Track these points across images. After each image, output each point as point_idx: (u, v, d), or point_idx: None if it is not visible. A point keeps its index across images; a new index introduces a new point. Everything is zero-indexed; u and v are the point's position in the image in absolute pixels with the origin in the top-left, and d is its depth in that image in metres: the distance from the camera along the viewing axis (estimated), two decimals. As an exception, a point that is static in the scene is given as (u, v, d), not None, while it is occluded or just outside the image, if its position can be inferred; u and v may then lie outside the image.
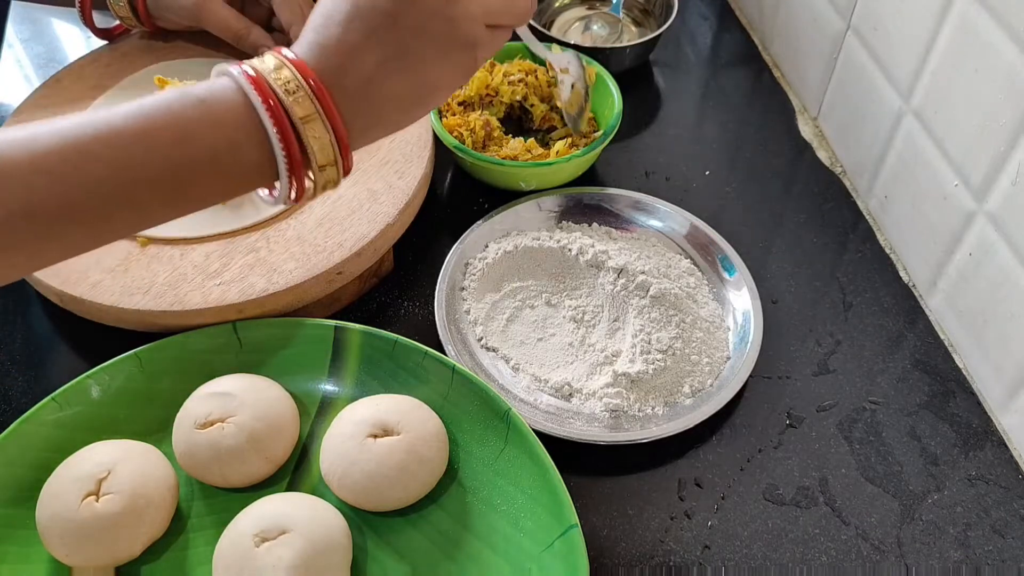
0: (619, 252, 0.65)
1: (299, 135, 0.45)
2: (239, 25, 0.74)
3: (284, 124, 0.44)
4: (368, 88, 0.46)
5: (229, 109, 0.44)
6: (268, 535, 0.48)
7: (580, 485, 0.56)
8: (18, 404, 0.60)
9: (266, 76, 0.44)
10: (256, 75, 0.44)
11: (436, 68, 0.48)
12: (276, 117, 0.44)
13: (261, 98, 0.44)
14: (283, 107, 0.44)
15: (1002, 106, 0.55)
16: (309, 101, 0.44)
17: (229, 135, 0.44)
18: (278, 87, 0.44)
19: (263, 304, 0.60)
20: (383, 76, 0.46)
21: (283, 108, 0.44)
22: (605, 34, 0.88)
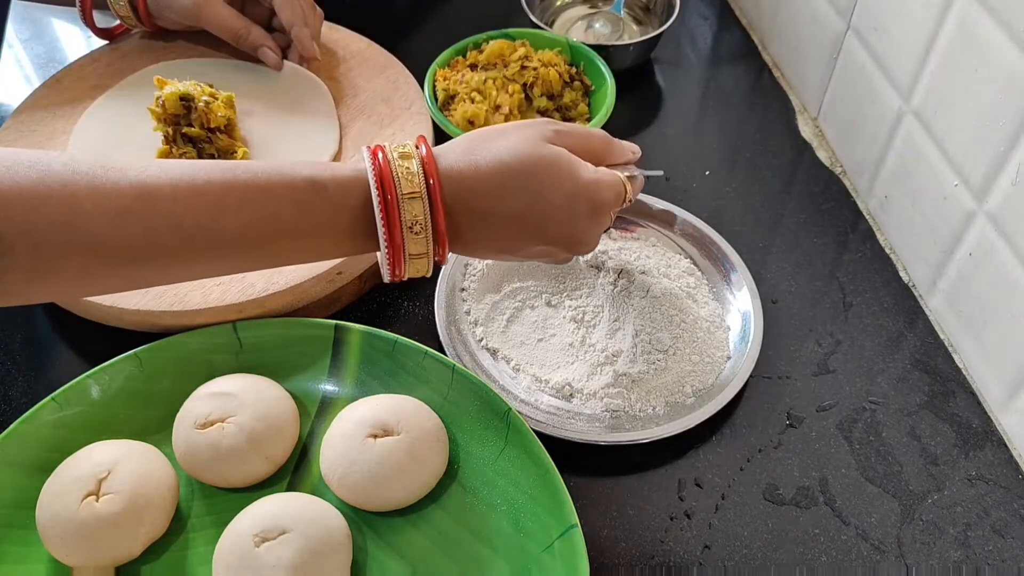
0: (619, 252, 0.65)
1: (404, 266, 0.49)
2: (239, 25, 0.74)
3: (397, 251, 0.48)
4: (478, 229, 0.50)
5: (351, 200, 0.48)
6: (268, 535, 0.48)
7: (580, 485, 0.56)
8: (18, 404, 0.60)
9: (400, 205, 0.47)
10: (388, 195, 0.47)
11: (533, 251, 0.53)
12: (388, 217, 0.47)
13: (380, 202, 0.47)
14: (403, 241, 0.48)
15: (1002, 106, 0.55)
16: (424, 241, 0.49)
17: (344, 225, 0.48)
18: (404, 221, 0.47)
19: (263, 304, 0.60)
20: (493, 231, 0.51)
21: (403, 241, 0.48)
22: (607, 32, 0.88)
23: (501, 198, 0.49)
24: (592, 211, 0.52)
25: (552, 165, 0.50)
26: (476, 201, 0.49)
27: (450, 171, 0.49)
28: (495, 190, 0.49)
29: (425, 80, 0.75)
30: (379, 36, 0.80)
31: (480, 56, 0.76)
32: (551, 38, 0.79)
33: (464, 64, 0.76)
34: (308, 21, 0.75)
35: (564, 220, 0.51)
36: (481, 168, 0.49)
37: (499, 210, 0.50)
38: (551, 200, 0.50)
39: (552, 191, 0.50)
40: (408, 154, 0.48)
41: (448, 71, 0.76)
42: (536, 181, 0.50)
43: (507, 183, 0.49)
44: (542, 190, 0.50)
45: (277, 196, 0.46)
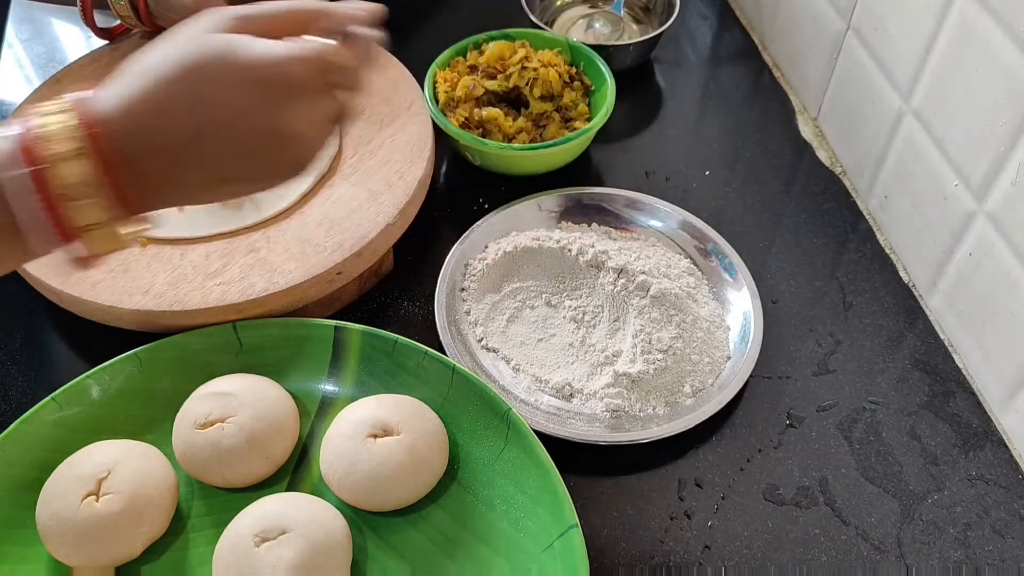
0: (619, 252, 0.65)
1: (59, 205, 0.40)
2: None
3: (47, 195, 0.39)
4: (168, 167, 0.42)
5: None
6: (268, 535, 0.48)
7: (580, 485, 0.56)
8: (18, 404, 0.60)
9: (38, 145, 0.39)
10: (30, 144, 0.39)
11: (247, 164, 0.44)
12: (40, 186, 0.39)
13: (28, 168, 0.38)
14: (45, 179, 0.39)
15: (1002, 106, 0.55)
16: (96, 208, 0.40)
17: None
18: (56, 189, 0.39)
19: (263, 304, 0.60)
20: (184, 162, 0.42)
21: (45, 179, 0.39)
22: (607, 32, 0.88)
23: (165, 124, 0.41)
24: (275, 95, 0.42)
25: (214, 59, 0.41)
26: (138, 141, 0.40)
27: (106, 117, 0.40)
28: (153, 117, 0.41)
29: (425, 80, 0.75)
30: (379, 36, 0.80)
31: (480, 58, 0.76)
32: (551, 38, 0.79)
33: (464, 64, 0.76)
34: None
35: (246, 117, 0.42)
36: (134, 99, 0.41)
37: (169, 140, 0.41)
38: (222, 100, 0.41)
39: (219, 89, 0.41)
40: (51, 111, 0.40)
41: (448, 71, 0.76)
42: (199, 85, 0.41)
43: (164, 103, 0.41)
44: (207, 92, 0.41)
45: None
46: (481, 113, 0.73)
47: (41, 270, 0.61)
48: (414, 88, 0.75)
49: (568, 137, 0.71)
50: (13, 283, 0.67)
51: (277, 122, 0.43)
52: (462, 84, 0.73)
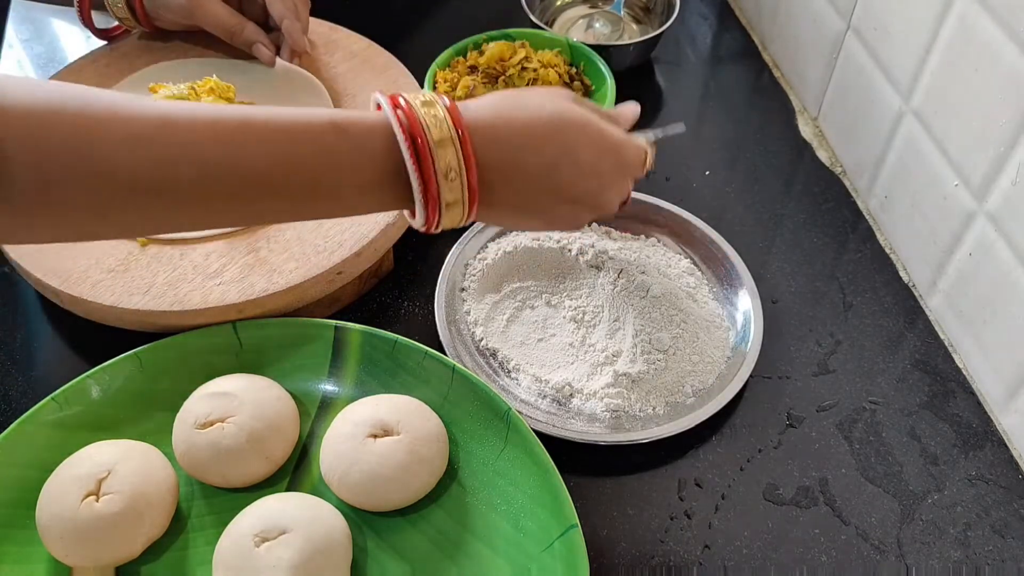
0: (619, 252, 0.65)
1: (440, 214, 0.48)
2: (233, 21, 0.74)
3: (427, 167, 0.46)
4: (504, 185, 0.49)
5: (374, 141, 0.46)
6: (268, 535, 0.48)
7: (580, 485, 0.56)
8: (18, 404, 0.60)
9: (432, 153, 0.46)
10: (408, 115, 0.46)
11: (559, 211, 0.52)
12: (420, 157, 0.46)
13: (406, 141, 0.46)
14: (438, 187, 0.47)
15: (1002, 106, 0.55)
16: (460, 187, 0.47)
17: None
18: (439, 169, 0.46)
19: (263, 304, 0.60)
20: (523, 187, 0.50)
21: (437, 187, 0.47)
22: (607, 32, 0.88)
23: (531, 150, 0.49)
24: (618, 170, 0.52)
25: (581, 121, 0.50)
26: (506, 152, 0.48)
27: (477, 121, 0.48)
28: (525, 141, 0.49)
29: (425, 80, 0.75)
30: (379, 36, 0.80)
31: (480, 58, 0.76)
32: (551, 38, 0.79)
33: (464, 65, 0.76)
34: (299, 15, 0.75)
35: (592, 176, 0.51)
36: (512, 120, 0.49)
37: (529, 163, 0.49)
38: (581, 155, 0.50)
39: (582, 146, 0.50)
40: (431, 102, 0.47)
41: (448, 71, 0.76)
42: (565, 135, 0.49)
43: (537, 135, 0.49)
44: (572, 144, 0.50)
45: (295, 135, 0.45)
46: None
47: (41, 270, 0.61)
48: (414, 88, 0.75)
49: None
50: (13, 283, 0.67)
51: (609, 187, 0.52)
52: (462, 84, 0.73)
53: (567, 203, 0.51)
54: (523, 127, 0.49)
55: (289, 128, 0.45)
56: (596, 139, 0.51)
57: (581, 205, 0.52)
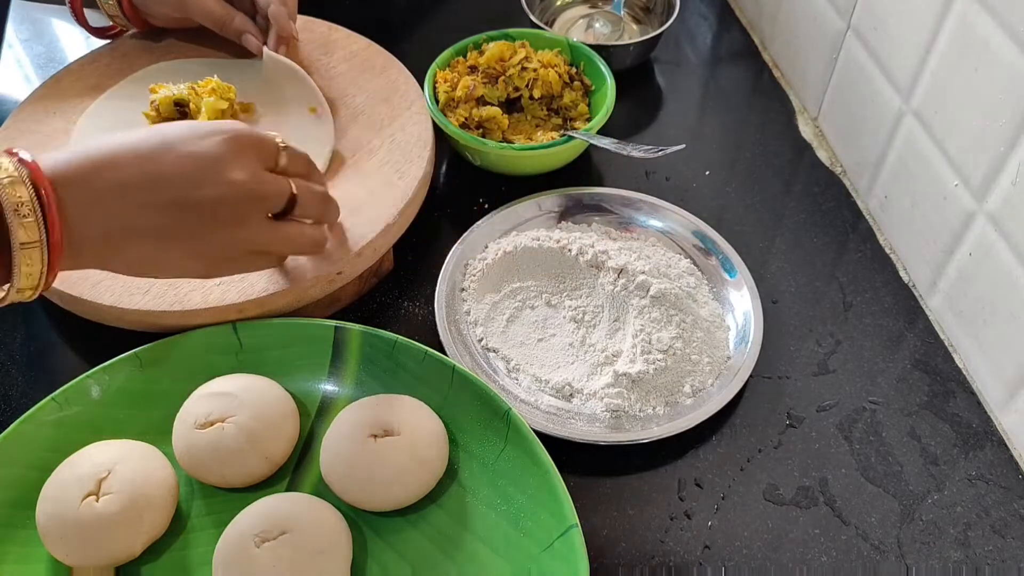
0: (619, 252, 0.65)
1: (13, 256, 0.45)
2: (222, 12, 0.74)
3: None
4: (118, 242, 0.48)
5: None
6: (268, 535, 0.48)
7: (580, 485, 0.56)
8: (18, 404, 0.60)
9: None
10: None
11: (185, 261, 0.51)
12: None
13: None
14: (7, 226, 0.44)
15: (1002, 106, 0.55)
16: (36, 228, 0.45)
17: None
18: (7, 204, 0.44)
19: (263, 304, 0.60)
20: (136, 239, 0.49)
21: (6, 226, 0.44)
22: (607, 32, 0.88)
23: (115, 165, 0.48)
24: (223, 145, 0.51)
25: (163, 130, 0.50)
26: (90, 189, 0.47)
27: (67, 162, 0.47)
28: (108, 173, 0.47)
29: (425, 80, 0.75)
30: (379, 36, 0.80)
31: (480, 58, 0.76)
32: (551, 38, 0.79)
33: (464, 65, 0.76)
34: (286, 1, 0.75)
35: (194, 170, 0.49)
36: (90, 149, 0.48)
37: (117, 180, 0.47)
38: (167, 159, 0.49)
39: (166, 149, 0.49)
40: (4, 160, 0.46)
41: (448, 72, 0.76)
42: (143, 149, 0.49)
43: (118, 150, 0.48)
44: (156, 152, 0.49)
45: None
46: (481, 113, 0.73)
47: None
48: (414, 88, 0.75)
49: (568, 137, 0.72)
50: (13, 283, 0.67)
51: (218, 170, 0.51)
52: (462, 84, 0.73)
53: (199, 242, 0.50)
54: (123, 184, 0.48)
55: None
56: (203, 180, 0.49)
57: (211, 247, 0.51)
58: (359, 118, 0.73)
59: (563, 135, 0.73)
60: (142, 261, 0.51)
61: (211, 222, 0.50)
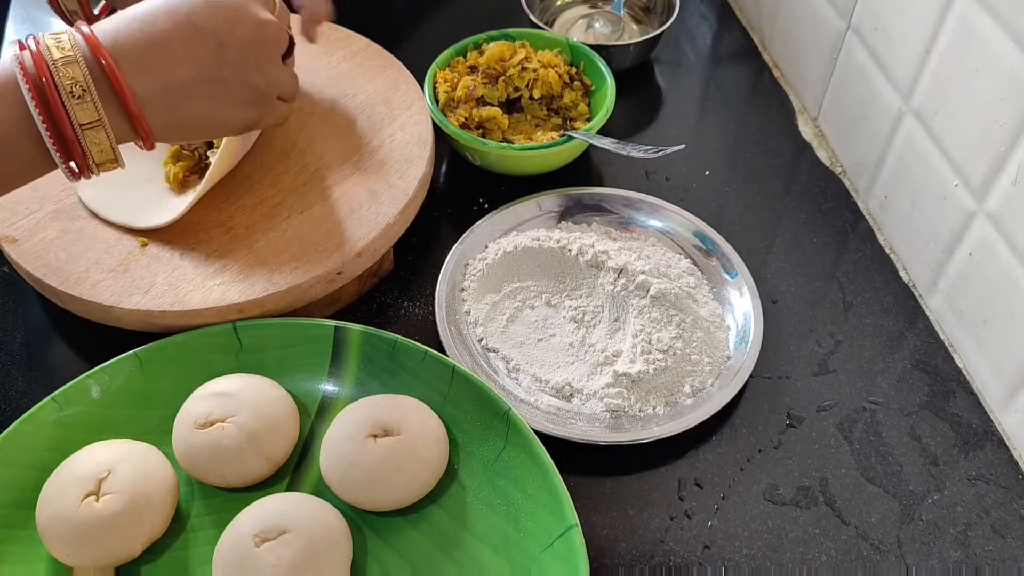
0: (619, 252, 0.65)
1: (79, 138, 0.47)
2: None
3: (63, 127, 0.46)
4: (170, 98, 0.50)
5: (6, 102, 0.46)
6: (268, 535, 0.48)
7: (580, 485, 0.56)
8: (18, 404, 0.60)
9: (52, 72, 0.46)
10: (38, 67, 0.46)
11: (234, 110, 0.54)
12: (54, 118, 0.46)
13: (36, 105, 0.46)
14: (65, 110, 0.46)
15: (1002, 106, 0.55)
16: (93, 107, 0.47)
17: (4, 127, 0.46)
18: (63, 87, 0.46)
19: (263, 304, 0.60)
20: (188, 94, 0.51)
21: (65, 111, 0.46)
22: (607, 32, 0.88)
23: (165, 15, 0.50)
24: (254, 43, 0.53)
25: (209, 8, 0.51)
26: (157, 69, 0.49)
27: (117, 46, 0.48)
28: (154, 17, 0.49)
29: (425, 80, 0.75)
30: (379, 36, 0.80)
31: (480, 58, 0.76)
32: (551, 38, 0.79)
33: (464, 65, 0.76)
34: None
35: (237, 50, 0.52)
36: (132, 16, 0.49)
37: (169, 26, 0.49)
38: (227, 41, 0.51)
39: (221, 32, 0.51)
40: (60, 33, 0.48)
41: (448, 72, 0.76)
42: (203, 28, 0.51)
43: (155, 11, 0.50)
44: (215, 33, 0.51)
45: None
46: (481, 113, 0.73)
47: (41, 270, 0.61)
48: (414, 88, 0.75)
49: (568, 137, 0.72)
50: (13, 283, 0.67)
51: (256, 60, 0.54)
52: (462, 84, 0.73)
53: (243, 87, 0.53)
54: (165, 38, 0.49)
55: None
56: (236, 23, 0.52)
57: (253, 90, 0.54)
58: (359, 118, 0.73)
59: (563, 135, 0.73)
60: (199, 118, 0.52)
61: (247, 63, 0.53)
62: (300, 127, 0.72)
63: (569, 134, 0.72)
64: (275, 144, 0.71)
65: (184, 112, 0.51)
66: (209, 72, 0.51)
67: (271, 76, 0.55)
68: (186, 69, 0.50)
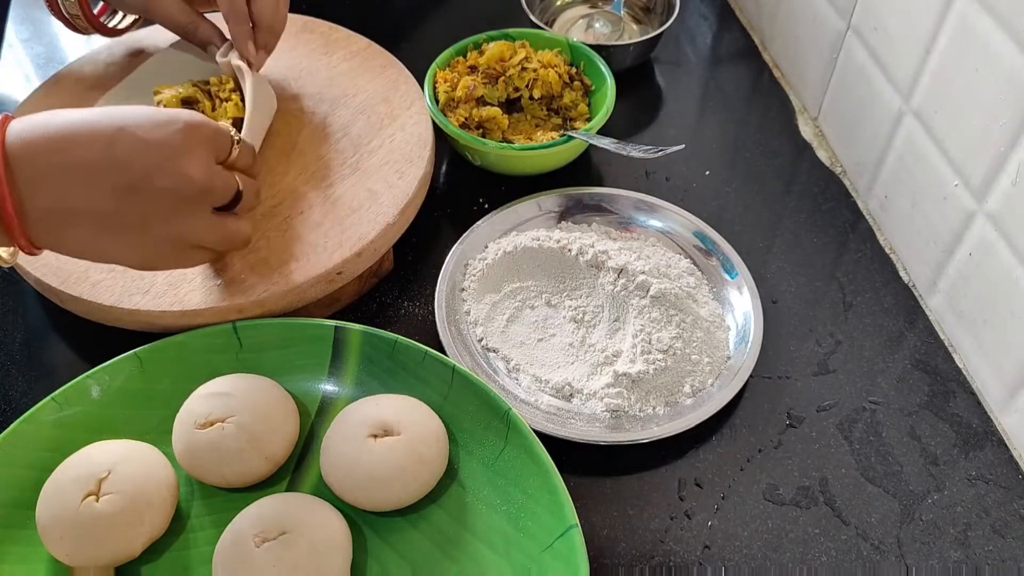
0: (619, 252, 0.65)
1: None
2: (185, 19, 0.71)
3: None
4: (60, 221, 0.48)
5: None
6: (268, 535, 0.48)
7: (580, 485, 0.56)
8: (18, 404, 0.60)
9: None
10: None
11: (123, 249, 0.51)
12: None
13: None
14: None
15: (1002, 106, 0.55)
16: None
17: None
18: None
19: (263, 304, 0.60)
20: (73, 222, 0.48)
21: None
22: (607, 32, 0.88)
23: (71, 143, 0.47)
24: (178, 140, 0.50)
25: (120, 117, 0.49)
26: (50, 151, 0.47)
27: (25, 129, 0.47)
28: (73, 137, 0.47)
29: (425, 80, 0.75)
30: (379, 36, 0.80)
31: (480, 58, 0.76)
32: (551, 38, 0.79)
33: (464, 65, 0.76)
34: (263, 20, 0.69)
35: (145, 151, 0.49)
36: (49, 123, 0.47)
37: (81, 153, 0.47)
38: (123, 144, 0.48)
39: (130, 117, 0.49)
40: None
41: (448, 72, 0.76)
42: (111, 118, 0.49)
43: (76, 129, 0.48)
44: (113, 138, 0.48)
45: None
46: (481, 113, 0.73)
47: (41, 270, 0.61)
48: (414, 88, 0.75)
49: (568, 137, 0.72)
50: (13, 283, 0.67)
51: (172, 160, 0.51)
52: (462, 84, 0.73)
53: (140, 233, 0.50)
54: (75, 162, 0.47)
55: None
56: (156, 170, 0.49)
57: (152, 238, 0.51)
58: (359, 118, 0.73)
59: (563, 135, 0.73)
60: (84, 247, 0.50)
61: (159, 212, 0.50)
62: (300, 127, 0.72)
63: (569, 134, 0.72)
64: (275, 144, 0.71)
65: (69, 236, 0.49)
66: (106, 208, 0.48)
67: (180, 228, 0.51)
68: (80, 198, 0.48)
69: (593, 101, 0.77)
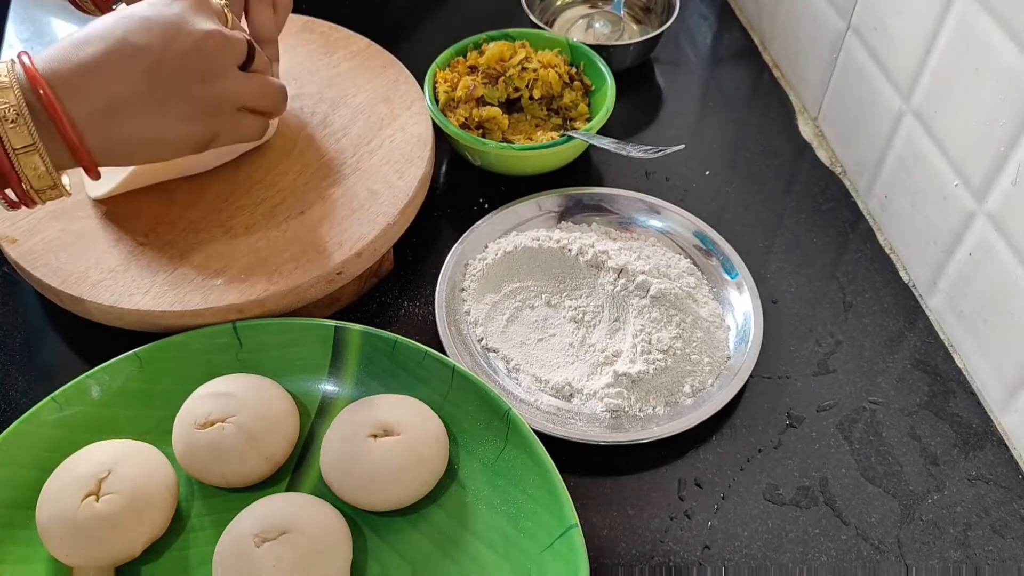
0: (619, 252, 0.65)
1: (13, 162, 0.47)
2: None
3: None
4: (108, 120, 0.50)
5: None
6: (268, 535, 0.48)
7: (580, 485, 0.56)
8: (18, 404, 0.60)
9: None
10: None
11: (176, 126, 0.52)
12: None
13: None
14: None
15: (1002, 106, 0.55)
16: (27, 131, 0.47)
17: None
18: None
19: (263, 304, 0.60)
20: (124, 114, 0.50)
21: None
22: (607, 32, 0.88)
23: (116, 79, 0.49)
24: (207, 59, 0.52)
25: (146, 26, 0.51)
26: (93, 94, 0.49)
27: (52, 72, 0.48)
28: (107, 74, 0.49)
29: (425, 80, 0.75)
30: (379, 36, 0.80)
31: (480, 58, 0.76)
32: (551, 38, 0.79)
33: (464, 65, 0.76)
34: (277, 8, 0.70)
35: (182, 73, 0.51)
36: (86, 60, 0.49)
37: (121, 91, 0.49)
38: (166, 60, 0.50)
39: (163, 53, 0.50)
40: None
41: (448, 72, 0.76)
42: (139, 48, 0.50)
43: (90, 33, 0.50)
44: (151, 54, 0.50)
45: None
46: (481, 113, 0.73)
47: (41, 270, 0.61)
48: (414, 88, 0.75)
49: (568, 137, 0.72)
50: (13, 283, 0.67)
51: (206, 77, 0.53)
52: (462, 84, 0.73)
53: (185, 102, 0.52)
54: (99, 60, 0.49)
55: None
56: (172, 39, 0.51)
57: (198, 104, 0.52)
58: (359, 118, 0.73)
59: (563, 135, 0.73)
60: (141, 138, 0.52)
61: (187, 76, 0.51)
62: (300, 127, 0.72)
63: (569, 134, 0.72)
64: (275, 144, 0.71)
65: (123, 133, 0.51)
66: (144, 90, 0.50)
67: (219, 88, 0.53)
68: (120, 89, 0.49)
69: (593, 101, 0.77)
